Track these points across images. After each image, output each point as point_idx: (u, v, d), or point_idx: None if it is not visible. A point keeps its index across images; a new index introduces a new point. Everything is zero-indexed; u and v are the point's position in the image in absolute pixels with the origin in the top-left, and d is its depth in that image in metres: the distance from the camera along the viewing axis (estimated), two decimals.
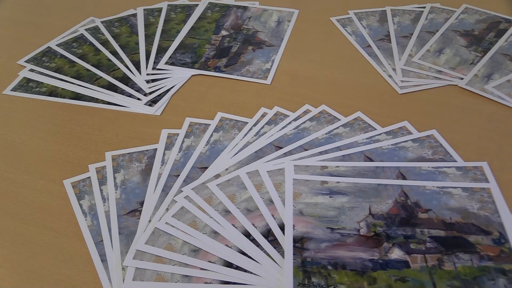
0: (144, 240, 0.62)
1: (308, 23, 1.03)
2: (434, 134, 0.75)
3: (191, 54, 0.94)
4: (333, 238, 0.61)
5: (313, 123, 0.77)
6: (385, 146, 0.73)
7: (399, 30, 0.99)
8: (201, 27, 1.01)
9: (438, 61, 0.90)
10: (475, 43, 0.94)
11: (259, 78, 0.88)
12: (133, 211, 0.66)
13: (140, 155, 0.74)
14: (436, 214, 0.63)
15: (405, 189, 0.66)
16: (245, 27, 1.01)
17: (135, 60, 0.93)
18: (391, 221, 0.63)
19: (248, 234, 0.62)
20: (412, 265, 0.58)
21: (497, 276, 0.57)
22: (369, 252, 0.59)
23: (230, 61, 0.92)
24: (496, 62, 0.89)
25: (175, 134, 0.77)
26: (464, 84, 0.85)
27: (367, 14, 1.05)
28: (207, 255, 0.60)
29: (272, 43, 0.97)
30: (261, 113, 0.80)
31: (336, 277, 0.57)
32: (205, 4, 1.08)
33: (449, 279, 0.57)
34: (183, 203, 0.66)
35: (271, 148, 0.74)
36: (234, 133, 0.76)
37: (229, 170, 0.70)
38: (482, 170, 0.69)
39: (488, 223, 0.62)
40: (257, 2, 1.09)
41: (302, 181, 0.67)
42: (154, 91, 0.86)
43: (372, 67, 0.90)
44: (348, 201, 0.65)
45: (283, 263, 0.58)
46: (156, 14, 1.06)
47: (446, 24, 1.00)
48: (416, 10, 1.04)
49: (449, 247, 0.60)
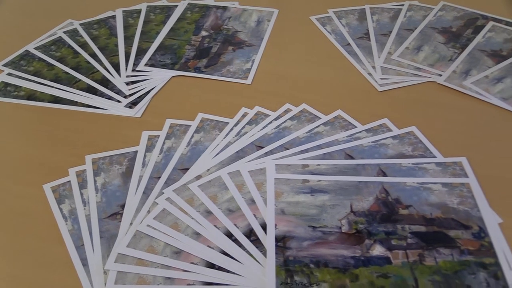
0: (125, 243, 0.62)
1: (288, 23, 1.03)
2: (414, 130, 0.75)
3: (171, 55, 0.93)
4: (315, 236, 0.61)
5: (294, 122, 0.78)
6: (365, 144, 0.73)
7: (378, 28, 1.00)
8: (181, 28, 1.01)
9: (417, 58, 0.91)
10: (453, 39, 0.95)
11: (239, 78, 0.88)
12: (114, 214, 0.66)
13: (121, 157, 0.73)
14: (416, 210, 0.64)
15: (385, 185, 0.67)
16: (225, 27, 1.01)
17: (114, 62, 0.92)
18: (372, 218, 0.63)
19: (230, 235, 0.62)
20: (393, 261, 0.58)
21: (478, 270, 0.58)
22: (351, 249, 0.60)
23: (210, 61, 0.92)
24: (474, 58, 0.90)
25: (155, 136, 0.76)
26: (443, 80, 0.86)
27: (346, 12, 1.05)
28: (189, 256, 0.60)
29: (252, 43, 0.97)
30: (242, 113, 0.80)
31: (319, 275, 0.57)
32: (185, 4, 1.08)
33: (430, 274, 0.57)
34: (164, 205, 0.65)
35: (252, 148, 0.74)
36: (215, 133, 0.76)
37: (211, 171, 0.70)
38: (461, 165, 0.70)
39: (468, 218, 0.63)
40: (236, 2, 1.09)
41: (284, 180, 0.68)
42: (134, 93, 0.85)
43: (352, 65, 0.91)
44: (330, 199, 0.65)
45: (266, 263, 0.58)
46: (135, 15, 1.05)
47: (424, 21, 1.00)
48: (394, 8, 1.05)
49: (430, 243, 0.60)
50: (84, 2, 1.12)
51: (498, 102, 0.81)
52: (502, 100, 0.81)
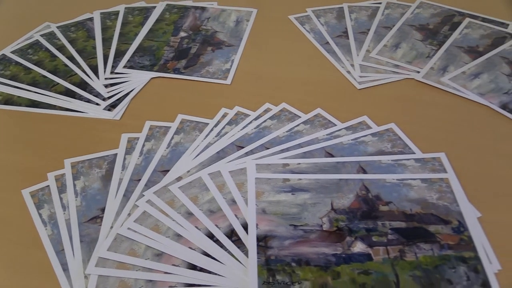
0: (106, 247, 0.61)
1: (267, 22, 1.03)
2: (393, 127, 0.76)
3: (150, 57, 0.93)
4: (296, 235, 0.61)
5: (274, 122, 0.78)
6: (345, 142, 0.74)
7: (357, 26, 1.00)
8: (159, 29, 1.01)
9: (395, 55, 0.92)
10: (430, 36, 0.96)
11: (219, 78, 0.88)
12: (94, 218, 0.65)
13: (100, 161, 0.73)
14: (396, 206, 0.64)
15: (365, 183, 0.67)
16: (204, 28, 1.01)
17: (92, 65, 0.91)
18: (353, 215, 0.63)
19: (212, 235, 0.62)
20: (374, 258, 0.59)
21: (458, 264, 0.58)
22: (332, 247, 0.60)
23: (189, 62, 0.92)
24: (451, 54, 0.91)
25: (135, 138, 0.76)
26: (421, 77, 0.86)
27: (324, 11, 1.06)
28: (171, 258, 0.60)
29: (231, 43, 0.97)
30: (222, 114, 0.80)
31: (300, 274, 0.57)
32: (163, 6, 1.07)
33: (411, 269, 0.58)
34: (145, 207, 0.65)
35: (232, 148, 0.73)
36: (195, 134, 0.76)
37: (191, 172, 0.70)
38: (440, 161, 0.70)
39: (447, 213, 0.64)
40: (215, 3, 1.09)
41: (264, 180, 0.68)
42: (113, 96, 0.85)
43: (331, 64, 0.91)
44: (310, 197, 0.65)
45: (247, 263, 0.58)
46: (113, 17, 1.05)
47: (402, 19, 1.01)
48: (372, 6, 1.06)
49: (410, 238, 0.61)
50: (61, 5, 1.11)
51: (475, 97, 0.82)
52: (480, 96, 0.82)
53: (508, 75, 0.86)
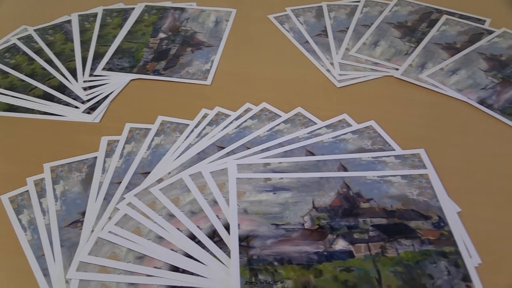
0: (87, 251, 0.61)
1: (246, 22, 1.03)
2: (373, 124, 0.76)
3: (129, 59, 0.92)
4: (278, 234, 0.61)
5: (255, 121, 0.78)
6: (325, 140, 0.74)
7: (336, 25, 1.00)
8: (138, 31, 1.00)
9: (374, 53, 0.92)
10: (408, 34, 0.97)
11: (199, 79, 0.87)
12: (75, 222, 0.65)
13: (80, 164, 0.72)
14: (377, 203, 0.65)
15: (346, 180, 0.67)
16: (183, 29, 1.00)
17: (71, 68, 0.91)
18: (334, 213, 0.63)
19: (193, 237, 0.61)
20: (356, 255, 0.59)
21: (438, 259, 0.59)
22: (314, 245, 0.60)
23: (169, 63, 0.91)
24: (429, 51, 0.92)
25: (115, 140, 0.75)
26: (400, 74, 0.87)
27: (303, 10, 1.06)
28: (153, 261, 0.59)
29: (211, 43, 0.96)
30: (202, 114, 0.79)
31: (283, 273, 0.57)
32: (142, 7, 1.07)
33: (392, 265, 0.58)
34: (126, 210, 0.65)
35: (213, 148, 0.73)
36: (175, 136, 0.76)
37: (172, 174, 0.70)
38: (420, 157, 0.71)
39: (428, 208, 0.64)
40: (194, 3, 1.09)
41: (246, 180, 0.68)
42: (92, 98, 0.84)
43: (311, 63, 0.91)
44: (292, 196, 0.65)
45: (230, 263, 0.58)
46: (91, 19, 1.04)
47: (380, 17, 1.02)
48: (351, 5, 1.06)
49: (391, 234, 0.61)
50: (38, 8, 1.10)
51: (453, 93, 0.83)
52: (458, 92, 0.83)
53: (486, 70, 0.87)
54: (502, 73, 0.87)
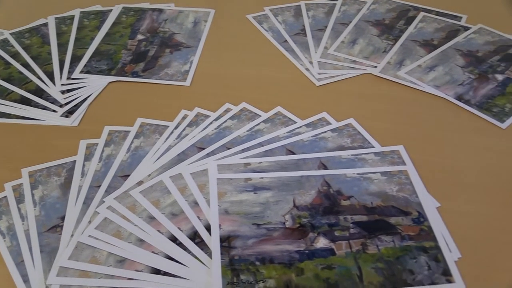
0: (67, 256, 0.60)
1: (225, 22, 1.03)
2: (352, 122, 0.77)
3: (107, 61, 0.92)
4: (259, 233, 0.61)
5: (234, 121, 0.78)
6: (305, 138, 0.74)
7: (314, 24, 1.01)
8: (116, 33, 0.99)
9: (352, 51, 0.93)
10: (386, 31, 0.98)
11: (178, 80, 0.87)
12: (54, 227, 0.64)
13: (59, 168, 0.71)
14: (357, 200, 0.65)
15: (327, 178, 0.68)
16: (162, 30, 1.00)
17: (48, 71, 0.90)
18: (315, 211, 0.64)
19: (174, 239, 0.61)
20: (337, 252, 0.59)
21: (419, 254, 0.59)
22: (295, 243, 0.60)
23: (148, 65, 0.91)
24: (407, 48, 0.93)
25: (94, 144, 0.75)
26: (378, 72, 0.88)
27: (282, 9, 1.06)
28: (134, 264, 0.59)
29: (189, 44, 0.96)
30: (182, 116, 0.79)
31: (265, 272, 0.57)
32: (119, 9, 1.06)
33: (373, 261, 0.58)
34: (106, 213, 0.64)
35: (193, 149, 0.73)
36: (155, 137, 0.75)
37: (152, 176, 0.69)
38: (399, 154, 0.71)
39: (407, 204, 0.65)
40: (172, 4, 1.08)
41: (226, 180, 0.67)
42: (70, 102, 0.83)
43: (290, 62, 0.92)
44: (273, 195, 0.66)
45: (211, 264, 0.58)
46: (68, 22, 1.03)
47: (358, 15, 1.02)
48: (329, 3, 1.07)
49: (372, 231, 0.61)
50: (14, 11, 1.09)
51: (431, 90, 0.84)
52: (435, 88, 0.84)
53: (462, 66, 0.88)
54: (479, 68, 0.88)
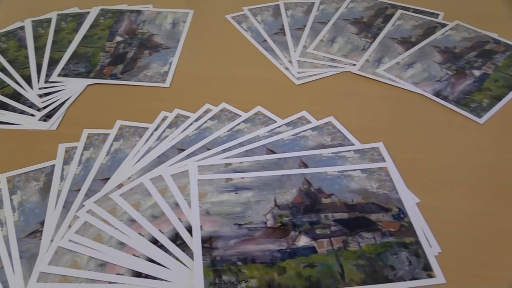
0: (47, 261, 0.59)
1: (204, 23, 1.03)
2: (332, 120, 0.77)
3: (85, 64, 0.91)
4: (241, 233, 0.61)
5: (214, 122, 0.78)
6: (286, 137, 0.74)
7: (293, 23, 1.01)
8: (94, 35, 0.98)
9: (331, 50, 0.93)
10: (364, 29, 0.98)
11: (157, 82, 0.87)
12: (34, 232, 0.63)
13: (37, 173, 0.71)
14: (338, 198, 0.65)
15: (307, 177, 0.68)
16: (140, 31, 0.99)
17: (25, 75, 0.89)
18: (296, 210, 0.64)
19: (156, 241, 0.61)
20: (319, 250, 0.59)
21: (399, 250, 0.60)
22: (277, 243, 0.60)
23: (127, 67, 0.90)
24: (385, 46, 0.94)
25: (73, 147, 0.74)
26: (357, 69, 0.88)
27: (261, 9, 1.06)
28: (115, 267, 0.59)
29: (168, 45, 0.96)
30: (162, 117, 0.79)
31: (247, 272, 0.57)
32: (97, 11, 1.05)
33: (355, 258, 0.59)
34: (86, 217, 0.64)
35: (173, 151, 0.73)
36: (135, 140, 0.75)
37: (132, 178, 0.69)
38: (379, 151, 0.72)
39: (387, 200, 0.65)
40: (150, 5, 1.08)
41: (207, 181, 0.67)
42: (48, 105, 0.82)
43: (269, 61, 0.92)
44: (254, 195, 0.66)
45: (193, 265, 0.58)
46: (45, 25, 1.02)
47: (336, 13, 1.03)
48: (308, 2, 1.07)
49: (353, 228, 0.62)
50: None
51: (410, 86, 0.84)
52: (414, 85, 0.84)
53: (440, 63, 0.89)
54: (456, 65, 0.89)
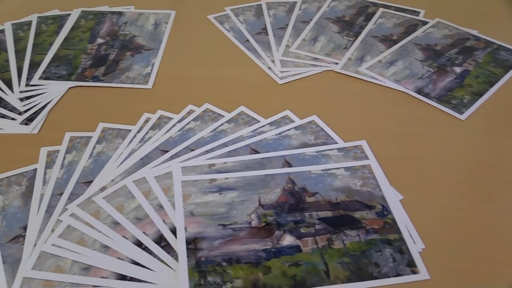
0: (30, 266, 0.59)
1: (186, 23, 1.03)
2: (315, 119, 0.77)
3: (67, 66, 0.90)
4: (225, 234, 0.61)
5: (198, 123, 0.77)
6: (269, 137, 0.74)
7: (275, 22, 1.01)
8: (75, 37, 0.98)
9: (314, 49, 0.93)
10: (346, 28, 0.99)
11: (139, 83, 0.86)
12: (17, 237, 0.63)
13: (19, 177, 0.70)
14: (322, 196, 0.65)
15: (291, 176, 0.68)
16: (122, 33, 0.99)
17: (6, 79, 0.87)
18: (280, 209, 0.64)
19: (140, 243, 0.61)
20: (303, 249, 0.60)
21: (383, 247, 0.60)
22: (262, 242, 0.60)
23: (108, 69, 0.89)
24: (367, 44, 0.94)
25: (55, 151, 0.73)
26: (339, 68, 0.88)
27: (243, 9, 1.06)
28: (99, 271, 0.58)
29: (150, 46, 0.95)
30: (145, 119, 0.78)
31: (232, 272, 0.57)
32: (78, 13, 1.04)
33: (339, 256, 0.59)
34: (69, 221, 0.63)
35: (157, 153, 0.73)
36: (117, 142, 0.74)
37: (115, 181, 0.68)
38: (362, 149, 0.72)
39: (371, 198, 0.65)
40: (132, 7, 1.07)
41: (191, 182, 0.67)
42: (30, 109, 0.81)
43: (252, 61, 0.92)
44: (238, 195, 0.66)
45: (178, 267, 0.58)
46: (25, 28, 1.01)
47: (319, 12, 1.03)
48: (290, 2, 1.07)
49: (337, 226, 0.62)
50: None
51: (392, 84, 0.85)
52: (396, 82, 0.85)
53: (422, 60, 0.90)
54: (438, 62, 0.89)
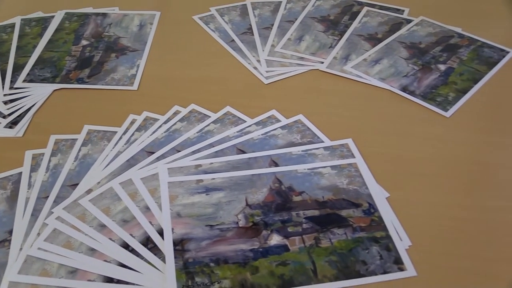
0: (16, 270, 0.58)
1: (171, 24, 1.02)
2: (301, 118, 0.78)
3: (51, 69, 0.89)
4: (213, 234, 0.61)
5: (184, 124, 0.77)
6: (255, 137, 0.74)
7: (260, 22, 1.01)
8: (60, 39, 0.97)
9: (299, 48, 0.93)
10: (331, 27, 0.99)
11: (125, 85, 0.86)
12: (2, 241, 0.62)
13: (4, 181, 0.69)
14: (309, 195, 0.66)
15: (278, 175, 0.68)
16: (106, 34, 0.98)
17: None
18: (267, 209, 0.64)
19: (127, 246, 0.60)
20: (291, 248, 0.60)
21: (370, 245, 0.60)
22: (249, 242, 0.60)
23: (93, 71, 0.89)
24: (352, 43, 0.94)
25: (40, 154, 0.73)
26: (325, 67, 0.89)
27: (228, 9, 1.06)
28: (86, 274, 0.58)
29: (135, 47, 0.95)
30: (130, 120, 0.78)
31: (219, 273, 0.57)
32: (62, 14, 1.04)
33: (327, 255, 0.59)
34: (55, 224, 0.63)
35: (143, 154, 0.72)
36: (103, 144, 0.74)
37: (102, 183, 0.68)
38: (348, 147, 0.72)
39: (358, 196, 0.66)
40: (116, 8, 1.06)
41: (177, 183, 0.67)
42: (14, 112, 0.81)
43: (238, 61, 0.92)
44: (225, 195, 0.65)
45: (165, 269, 0.57)
46: (9, 30, 1.00)
47: (304, 12, 1.03)
48: (275, 1, 1.07)
49: (324, 225, 0.62)
50: None
51: (377, 82, 0.85)
52: (381, 80, 0.85)
53: (406, 58, 0.90)
54: (422, 60, 0.90)
